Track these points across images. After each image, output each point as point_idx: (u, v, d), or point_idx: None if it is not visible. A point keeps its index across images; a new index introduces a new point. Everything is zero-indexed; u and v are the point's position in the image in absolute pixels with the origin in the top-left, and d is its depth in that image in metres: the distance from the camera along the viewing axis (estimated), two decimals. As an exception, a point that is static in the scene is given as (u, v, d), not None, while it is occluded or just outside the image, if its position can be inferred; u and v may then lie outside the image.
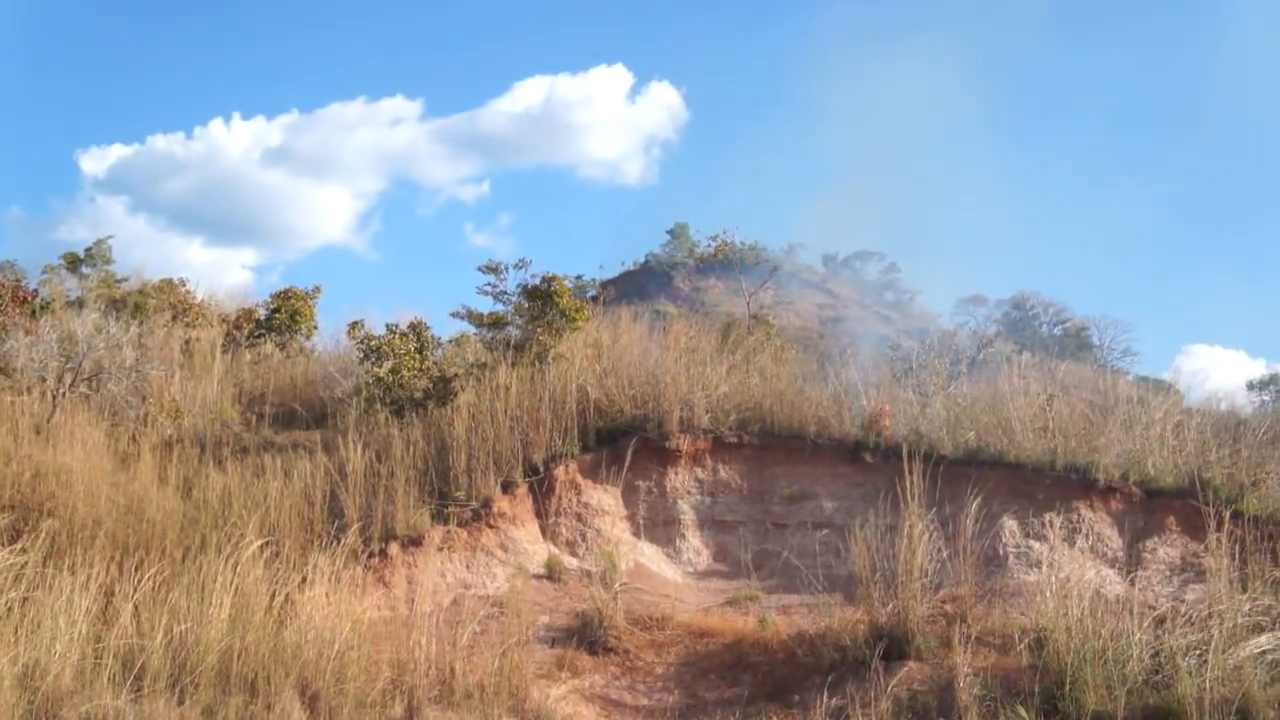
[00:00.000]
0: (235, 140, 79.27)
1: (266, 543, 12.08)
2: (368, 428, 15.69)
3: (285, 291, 21.03)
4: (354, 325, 18.03)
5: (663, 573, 15.18)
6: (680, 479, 16.03)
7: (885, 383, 18.06)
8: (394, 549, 13.49)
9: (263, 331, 20.49)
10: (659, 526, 15.74)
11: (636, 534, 15.57)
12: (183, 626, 10.47)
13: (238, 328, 20.63)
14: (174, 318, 20.86)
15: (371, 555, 13.23)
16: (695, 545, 15.74)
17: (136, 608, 10.64)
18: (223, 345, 19.53)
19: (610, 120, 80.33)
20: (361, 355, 17.36)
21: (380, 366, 16.79)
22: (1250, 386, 25.56)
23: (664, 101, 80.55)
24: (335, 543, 12.56)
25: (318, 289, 21.44)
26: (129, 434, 15.06)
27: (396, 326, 17.42)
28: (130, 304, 20.73)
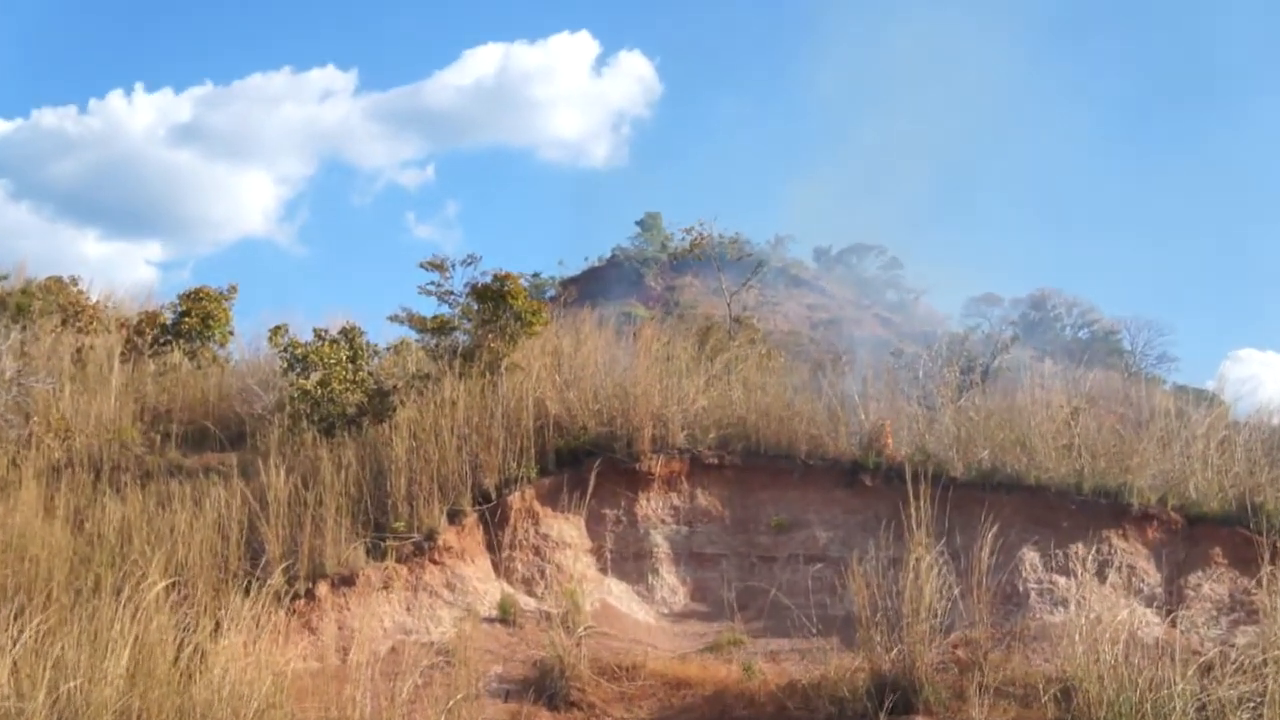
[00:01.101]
0: (138, 116, 78.88)
1: (173, 584, 11.87)
2: (292, 449, 15.51)
3: (196, 292, 20.75)
4: (276, 330, 17.80)
5: (633, 614, 15.08)
6: (653, 506, 15.93)
7: (886, 394, 18.03)
8: (323, 589, 13.32)
9: (170, 338, 20.22)
10: (629, 561, 15.63)
11: (603, 569, 15.47)
12: (71, 684, 10.20)
13: (140, 334, 20.34)
14: (64, 322, 20.58)
15: (296, 597, 13.04)
16: (670, 582, 15.65)
17: (15, 663, 10.36)
18: (122, 354, 19.28)
19: (574, 95, 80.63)
20: (285, 365, 17.18)
21: (307, 378, 16.60)
22: (1308, 396, 25.76)
23: (635, 73, 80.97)
24: (254, 583, 12.36)
25: (234, 289, 21.21)
26: (9, 458, 14.83)
27: (326, 332, 17.25)
28: (11, 306, 20.41)
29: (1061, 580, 14.48)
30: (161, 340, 20.23)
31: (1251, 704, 10.70)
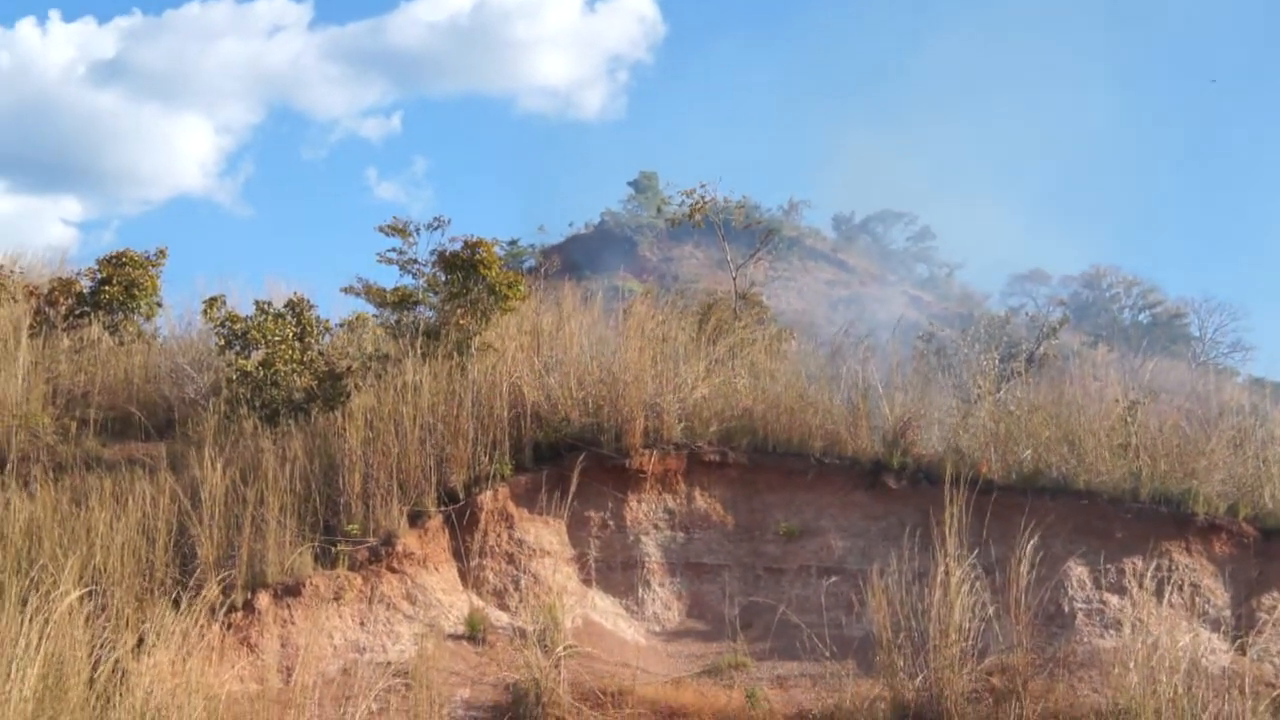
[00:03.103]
0: (53, 49, 78.56)
1: (89, 593, 11.87)
2: (230, 439, 15.50)
3: (119, 256, 20.70)
4: (211, 302, 17.75)
5: (620, 632, 15.13)
6: (644, 509, 15.97)
7: (915, 384, 18.07)
8: (264, 601, 13.32)
9: (87, 309, 20.18)
10: (616, 571, 15.67)
11: (586, 581, 15.50)
12: (-29, 707, 10.27)
13: (52, 304, 20.28)
14: (-41, 289, 20.53)
15: (233, 609, 13.05)
16: (663, 596, 15.71)
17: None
18: (31, 327, 19.22)
19: (562, 35, 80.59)
20: (222, 343, 17.17)
21: (247, 358, 16.61)
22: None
23: (634, 11, 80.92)
24: (184, 593, 12.40)
25: (163, 253, 21.14)
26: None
27: (269, 305, 17.24)
28: (-100, 271, 20.40)
29: (1114, 599, 14.54)
30: (78, 312, 20.18)
31: (1332, 742, 10.81)
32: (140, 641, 11.52)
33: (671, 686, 13.72)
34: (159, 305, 21.09)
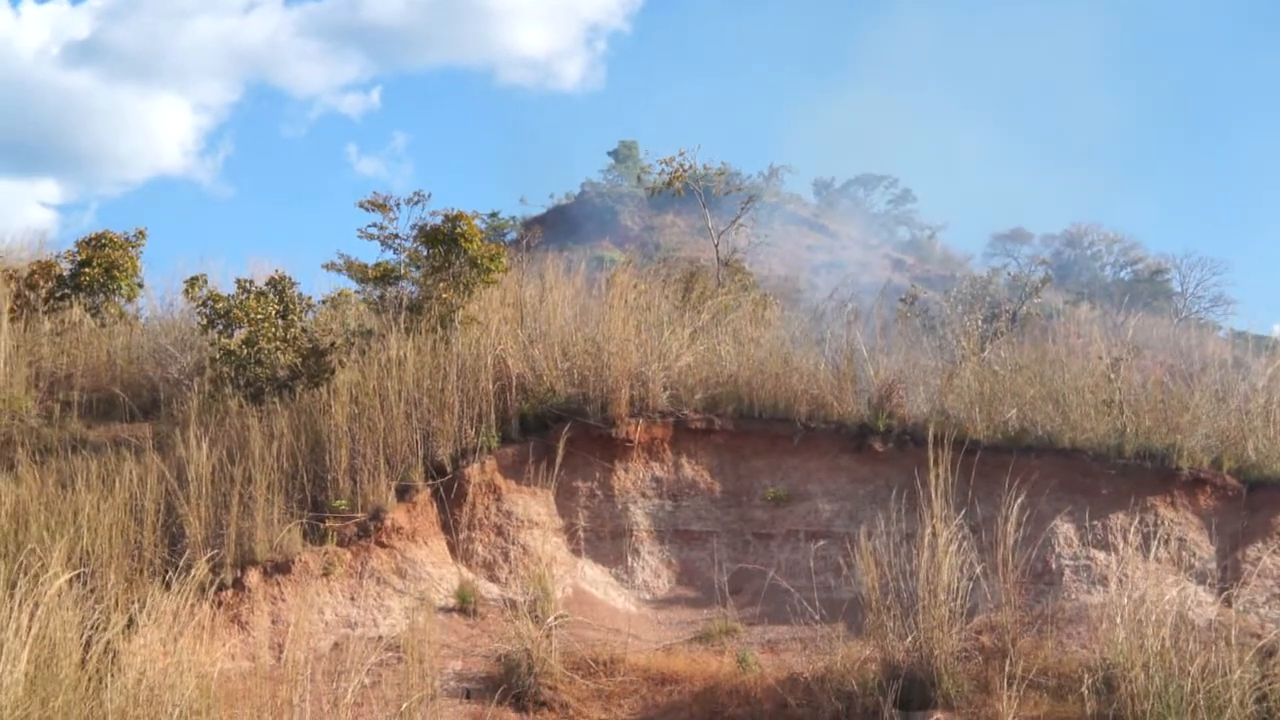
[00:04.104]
0: (26, 31, 77.94)
1: (78, 575, 11.83)
2: (215, 418, 15.47)
3: (98, 238, 20.65)
4: (193, 282, 17.68)
5: (610, 601, 15.17)
6: (632, 478, 15.99)
7: (899, 347, 18.08)
8: (253, 578, 13.33)
9: (68, 292, 20.11)
10: (605, 540, 15.71)
11: (576, 551, 15.54)
12: (-37, 691, 10.23)
13: (32, 287, 20.21)
14: (-60, 274, 20.41)
15: (223, 588, 13.06)
16: (653, 564, 15.74)
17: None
18: (12, 311, 19.11)
19: (540, 5, 79.96)
20: (204, 322, 17.09)
21: (230, 336, 16.55)
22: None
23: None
24: (173, 572, 12.34)
25: (142, 234, 21.11)
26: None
27: (251, 283, 17.18)
28: (-122, 255, 20.30)
29: (1100, 555, 14.61)
30: (58, 294, 20.11)
31: (1318, 692, 10.83)
32: (130, 622, 11.48)
33: (663, 653, 13.76)
34: (140, 286, 21.11)
